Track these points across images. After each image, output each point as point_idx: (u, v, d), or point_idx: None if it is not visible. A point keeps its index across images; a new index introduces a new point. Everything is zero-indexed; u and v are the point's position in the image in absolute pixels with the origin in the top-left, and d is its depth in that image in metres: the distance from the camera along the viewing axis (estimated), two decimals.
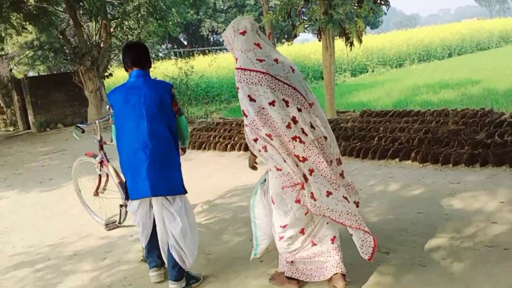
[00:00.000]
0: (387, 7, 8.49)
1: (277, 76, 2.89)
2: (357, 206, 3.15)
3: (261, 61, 2.89)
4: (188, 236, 3.32)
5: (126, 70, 3.42)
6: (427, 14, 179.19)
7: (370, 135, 6.79)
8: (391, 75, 18.06)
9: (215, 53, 24.86)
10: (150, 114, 3.20)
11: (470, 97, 10.04)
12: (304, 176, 2.91)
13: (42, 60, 23.04)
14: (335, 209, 2.90)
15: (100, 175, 4.73)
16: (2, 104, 15.54)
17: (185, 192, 3.36)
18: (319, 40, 8.78)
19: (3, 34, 13.81)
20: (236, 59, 2.96)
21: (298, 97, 2.92)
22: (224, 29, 3.19)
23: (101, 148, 4.58)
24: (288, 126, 2.86)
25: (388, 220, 4.11)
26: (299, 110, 2.91)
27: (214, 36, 38.38)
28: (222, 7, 33.50)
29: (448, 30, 26.73)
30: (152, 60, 3.80)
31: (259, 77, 2.86)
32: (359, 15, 8.66)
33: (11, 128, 15.26)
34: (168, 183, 3.25)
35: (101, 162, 4.63)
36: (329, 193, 2.90)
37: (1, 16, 12.47)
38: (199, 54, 24.86)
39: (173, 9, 14.09)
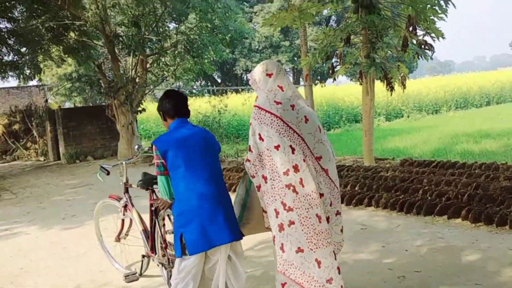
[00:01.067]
0: (432, 52, 8.11)
1: (289, 122, 2.94)
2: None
3: (277, 103, 2.97)
4: None
5: (165, 119, 3.31)
6: (461, 61, 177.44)
7: (413, 187, 6.29)
8: (427, 122, 17.54)
9: (248, 92, 24.86)
10: (213, 158, 3.17)
11: None
12: (280, 225, 2.86)
13: (79, 91, 23.52)
14: (299, 267, 2.85)
15: (123, 220, 4.39)
16: (35, 134, 15.68)
17: None
18: (360, 84, 8.44)
19: (41, 66, 14.02)
20: (257, 98, 3.10)
21: (304, 148, 2.95)
22: None
23: (126, 191, 4.25)
24: (286, 173, 2.87)
25: None
26: (304, 160, 2.92)
27: (248, 75, 38.67)
28: (257, 47, 33.83)
29: (486, 78, 26.22)
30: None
31: (271, 119, 2.94)
32: (401, 59, 8.31)
33: (41, 158, 15.29)
34: (237, 226, 3.17)
35: (125, 206, 4.29)
36: (299, 250, 2.85)
37: (41, 49, 12.66)
38: (232, 92, 24.93)
39: (209, 47, 14.06)
